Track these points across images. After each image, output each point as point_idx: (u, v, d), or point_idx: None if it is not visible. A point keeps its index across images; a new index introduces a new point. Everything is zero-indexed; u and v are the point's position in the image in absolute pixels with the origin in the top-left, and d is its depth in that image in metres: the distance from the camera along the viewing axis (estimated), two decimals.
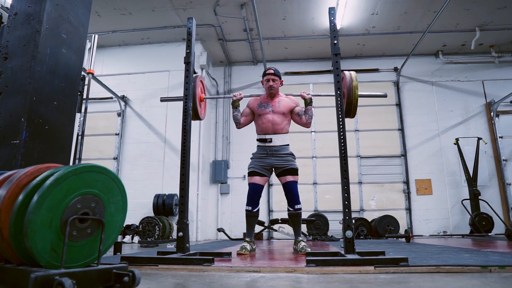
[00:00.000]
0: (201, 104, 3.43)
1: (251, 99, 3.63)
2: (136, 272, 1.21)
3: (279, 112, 3.41)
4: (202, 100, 3.43)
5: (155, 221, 6.02)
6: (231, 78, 8.96)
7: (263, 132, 3.42)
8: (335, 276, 1.75)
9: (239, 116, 3.52)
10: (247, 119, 3.55)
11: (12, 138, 1.95)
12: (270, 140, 3.37)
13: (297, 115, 3.46)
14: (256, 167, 3.39)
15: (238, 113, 3.53)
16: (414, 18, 7.23)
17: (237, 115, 3.53)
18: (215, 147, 8.50)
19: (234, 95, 3.54)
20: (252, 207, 3.30)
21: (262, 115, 3.43)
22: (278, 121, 3.39)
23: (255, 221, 3.39)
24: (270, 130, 3.39)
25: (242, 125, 3.55)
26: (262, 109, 3.44)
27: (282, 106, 3.43)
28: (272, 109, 3.42)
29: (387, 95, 3.42)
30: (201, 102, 3.41)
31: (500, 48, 8.28)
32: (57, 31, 2.23)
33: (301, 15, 7.13)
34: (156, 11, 7.01)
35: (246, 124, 3.56)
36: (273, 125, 3.39)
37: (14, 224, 1.14)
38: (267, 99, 3.50)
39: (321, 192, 8.04)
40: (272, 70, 3.49)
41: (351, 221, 2.29)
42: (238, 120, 3.52)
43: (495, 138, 7.86)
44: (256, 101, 3.54)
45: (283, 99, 3.49)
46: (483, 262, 2.01)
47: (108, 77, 7.83)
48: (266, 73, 3.50)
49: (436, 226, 7.63)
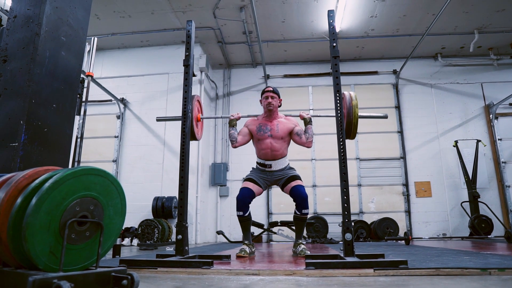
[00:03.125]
0: (198, 124, 3.35)
1: (249, 119, 3.56)
2: (135, 275, 1.21)
3: (278, 136, 3.36)
4: (199, 120, 3.36)
5: (154, 224, 6.01)
6: (230, 80, 8.97)
7: (262, 158, 3.40)
8: (334, 279, 1.75)
9: (236, 135, 3.45)
10: (245, 139, 3.47)
11: (11, 140, 1.94)
12: (270, 165, 3.38)
13: (296, 135, 3.40)
14: (254, 176, 3.40)
15: (235, 132, 3.47)
16: (413, 21, 7.25)
17: (233, 133, 3.45)
18: (215, 149, 8.50)
19: (232, 115, 3.50)
20: (243, 212, 3.25)
21: (261, 140, 3.38)
22: (277, 146, 3.35)
23: (249, 224, 3.36)
24: (269, 156, 3.37)
25: (239, 145, 3.45)
26: (261, 133, 3.39)
27: (281, 130, 3.38)
28: (271, 133, 3.37)
29: (387, 116, 3.39)
30: (198, 122, 3.33)
31: (499, 50, 8.31)
32: (57, 34, 2.23)
33: (300, 18, 7.15)
34: (155, 14, 7.02)
35: (242, 144, 3.47)
36: (272, 151, 3.35)
37: (12, 227, 1.14)
38: (266, 121, 3.44)
39: (320, 194, 8.03)
40: (271, 88, 3.44)
41: (351, 224, 2.29)
42: (235, 139, 3.43)
43: (494, 140, 7.87)
44: (255, 123, 3.47)
45: (282, 121, 3.43)
46: (482, 264, 2.01)
47: (107, 80, 7.83)
48: (265, 90, 3.45)
49: (436, 229, 7.62)
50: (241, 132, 3.48)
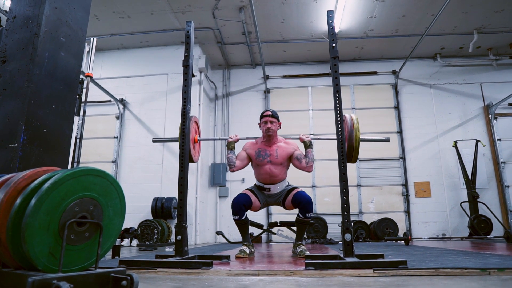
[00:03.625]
0: (195, 146, 3.31)
1: (248, 143, 3.50)
2: (135, 275, 1.21)
3: (277, 162, 3.31)
4: (196, 142, 3.32)
5: (153, 225, 6.00)
6: (229, 81, 8.97)
7: (261, 181, 3.38)
8: (334, 279, 1.75)
9: (234, 159, 3.36)
10: (243, 163, 3.39)
11: (10, 141, 1.94)
12: (268, 189, 3.36)
13: (296, 160, 3.33)
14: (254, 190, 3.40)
15: (233, 155, 3.37)
16: (412, 21, 7.26)
17: (232, 157, 3.35)
18: (214, 150, 8.50)
19: (230, 137, 3.43)
20: (239, 216, 3.22)
21: (260, 166, 3.34)
22: (276, 172, 3.31)
23: (246, 227, 3.34)
24: (268, 181, 3.34)
25: (237, 169, 3.37)
26: (260, 159, 3.33)
27: (280, 155, 3.31)
28: (270, 159, 3.31)
29: (389, 139, 3.34)
30: (195, 144, 3.28)
31: (498, 50, 8.32)
32: (56, 35, 2.23)
33: (300, 18, 7.15)
34: (154, 15, 7.02)
35: (240, 168, 3.39)
36: (271, 177, 3.32)
37: (11, 227, 1.14)
38: (265, 146, 3.37)
39: (320, 195, 8.03)
40: (270, 112, 3.34)
41: (350, 224, 2.29)
42: (233, 163, 3.34)
43: (494, 140, 7.87)
44: (254, 148, 3.40)
45: (281, 146, 3.36)
46: (482, 264, 2.01)
47: (106, 80, 7.82)
48: (264, 114, 3.35)
49: (435, 229, 7.63)
50: (239, 156, 3.40)
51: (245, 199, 3.24)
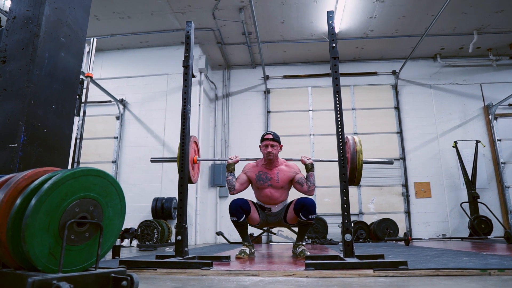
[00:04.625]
0: (194, 166, 3.27)
1: (248, 165, 3.43)
2: (135, 276, 1.21)
3: (278, 186, 3.27)
4: (195, 162, 3.28)
5: (153, 225, 6.00)
6: (229, 81, 8.97)
7: (261, 202, 3.35)
8: (334, 279, 1.75)
9: (234, 182, 3.30)
10: (243, 186, 3.35)
11: (10, 141, 1.94)
12: (269, 209, 3.34)
13: (298, 184, 3.28)
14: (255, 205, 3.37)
15: (233, 178, 3.31)
16: (412, 22, 7.26)
17: (231, 179, 3.29)
18: (214, 150, 8.50)
19: (230, 157, 3.35)
20: (237, 218, 3.17)
21: (261, 189, 3.30)
22: (277, 196, 3.28)
23: (245, 228, 3.31)
24: (268, 202, 3.32)
25: (237, 192, 3.32)
26: (261, 182, 3.28)
27: (281, 179, 3.27)
28: (271, 183, 3.26)
29: (393, 162, 3.27)
30: (194, 165, 3.24)
31: (498, 51, 8.32)
32: (56, 35, 2.23)
33: (300, 19, 7.15)
34: (155, 15, 7.02)
35: (241, 191, 3.34)
36: (271, 199, 3.29)
37: (11, 228, 1.14)
38: (265, 169, 3.31)
39: (320, 195, 8.02)
40: (271, 135, 3.26)
41: (350, 225, 2.29)
42: (233, 186, 3.28)
43: (494, 141, 7.87)
44: (255, 171, 3.34)
45: (282, 170, 3.30)
46: (482, 265, 2.01)
47: (106, 81, 7.83)
48: (264, 138, 3.28)
49: (435, 229, 7.62)
50: (240, 179, 3.34)
51: (242, 202, 3.18)
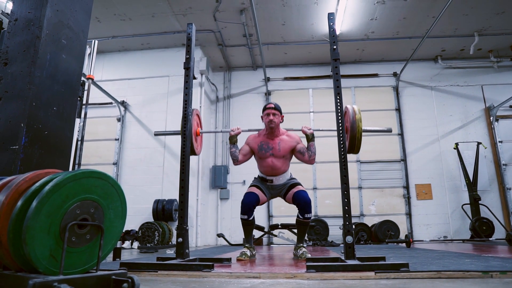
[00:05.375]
0: (197, 138, 3.30)
1: (250, 136, 3.49)
2: (136, 278, 1.20)
3: (279, 155, 3.31)
4: (198, 134, 3.32)
5: (154, 227, 6.00)
6: (230, 83, 8.98)
7: (263, 173, 3.39)
8: (335, 282, 1.74)
9: (237, 153, 3.37)
10: (246, 157, 3.41)
11: (12, 143, 1.94)
12: (271, 181, 3.37)
13: (299, 153, 3.33)
14: (258, 184, 3.39)
15: (236, 150, 3.38)
16: (413, 23, 7.26)
17: (235, 151, 3.37)
18: (215, 152, 8.50)
19: (232, 129, 3.41)
20: (248, 216, 3.21)
21: (263, 159, 3.34)
22: (279, 165, 3.32)
23: (252, 228, 3.35)
24: (270, 173, 3.34)
25: (240, 163, 3.40)
26: (263, 152, 3.33)
27: (283, 148, 3.32)
28: (273, 152, 3.31)
29: (392, 130, 3.34)
30: (197, 137, 3.28)
31: (499, 53, 8.32)
32: (57, 37, 2.24)
33: (301, 21, 7.16)
34: (156, 17, 7.04)
35: (244, 161, 3.41)
36: (273, 169, 3.32)
37: (12, 230, 1.14)
38: (267, 139, 3.36)
39: (321, 197, 8.02)
40: (273, 104, 3.35)
41: (351, 226, 2.28)
42: (236, 157, 3.36)
43: (495, 142, 7.86)
44: (256, 141, 3.40)
45: (284, 139, 3.36)
46: (484, 267, 2.00)
47: (108, 83, 7.85)
48: (266, 107, 3.35)
49: (437, 231, 7.61)
50: (242, 150, 3.41)
51: (255, 198, 3.24)
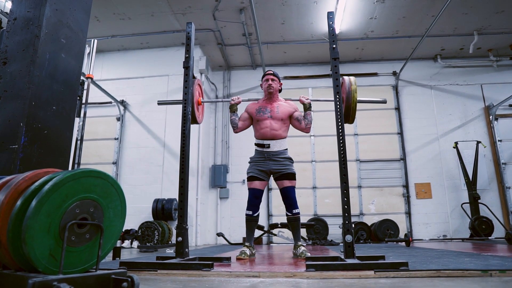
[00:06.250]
0: (199, 108, 3.40)
1: (249, 104, 3.64)
2: (135, 277, 1.20)
3: (278, 117, 3.42)
4: (199, 103, 3.41)
5: (154, 226, 6.00)
6: (230, 82, 8.98)
7: (261, 138, 3.43)
8: (335, 281, 1.75)
9: (237, 120, 3.53)
10: (245, 123, 3.56)
11: (11, 143, 1.94)
12: (268, 145, 3.39)
13: (296, 120, 3.46)
14: (255, 172, 3.41)
15: (236, 117, 3.54)
16: (412, 23, 7.26)
17: (234, 119, 3.53)
18: (214, 151, 8.50)
19: (232, 99, 3.54)
20: (253, 212, 3.32)
21: (261, 121, 3.44)
22: (277, 127, 3.40)
23: (255, 225, 3.39)
24: (269, 135, 3.39)
25: (240, 130, 3.55)
26: (261, 114, 3.45)
27: (281, 111, 3.44)
28: (271, 114, 3.43)
29: (386, 101, 3.41)
30: (198, 106, 3.37)
31: (498, 52, 8.32)
32: (56, 36, 2.24)
33: (300, 20, 7.16)
34: (155, 16, 7.03)
35: (244, 128, 3.57)
36: (271, 130, 3.39)
37: (12, 229, 1.14)
38: (266, 104, 3.50)
39: (320, 196, 8.02)
40: (272, 71, 3.55)
41: (351, 226, 2.28)
42: (236, 124, 3.52)
43: (494, 141, 7.87)
44: (255, 106, 3.54)
45: (282, 104, 3.50)
46: (483, 266, 2.01)
47: (107, 82, 7.84)
48: (265, 73, 3.56)
49: (436, 230, 7.62)
50: (242, 117, 3.55)
51: (259, 193, 3.35)
